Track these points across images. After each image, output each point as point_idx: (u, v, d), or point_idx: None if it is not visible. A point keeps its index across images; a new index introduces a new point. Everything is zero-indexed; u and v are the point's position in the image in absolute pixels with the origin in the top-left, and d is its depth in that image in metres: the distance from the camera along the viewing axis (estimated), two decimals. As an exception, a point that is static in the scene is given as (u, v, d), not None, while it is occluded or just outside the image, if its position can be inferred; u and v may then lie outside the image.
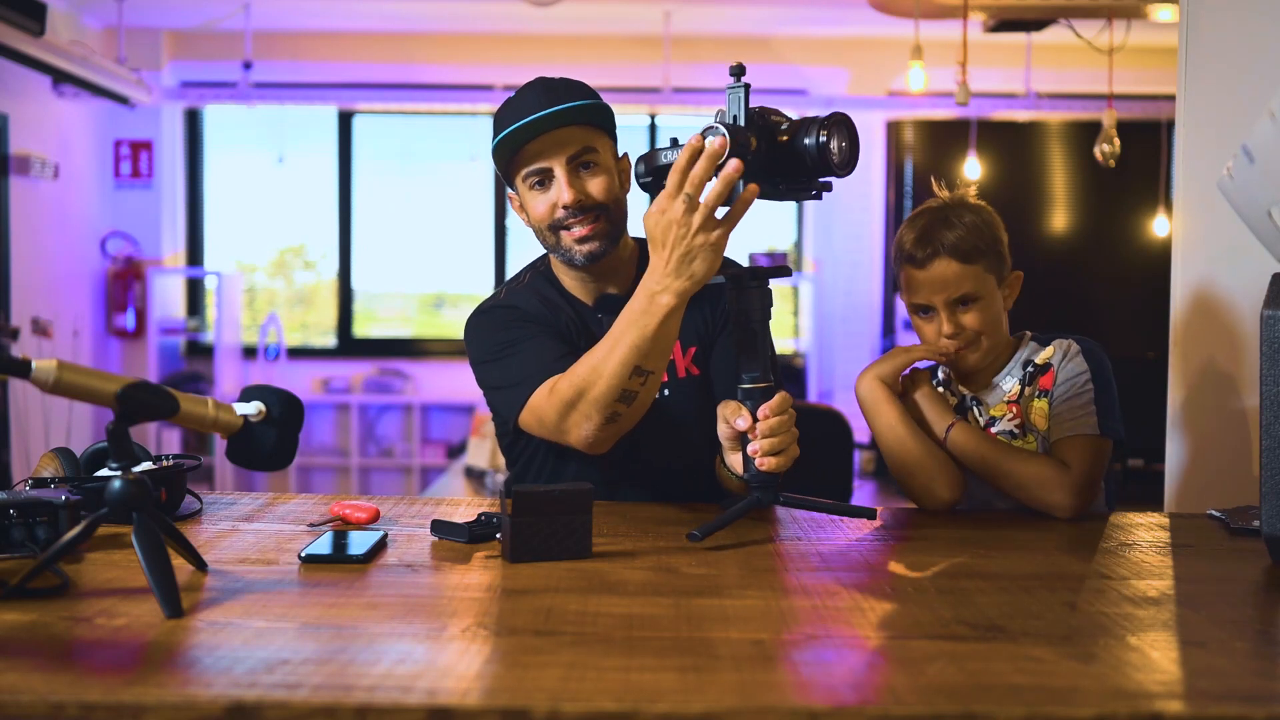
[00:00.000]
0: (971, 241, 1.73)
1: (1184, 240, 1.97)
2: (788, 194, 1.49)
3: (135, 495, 1.15)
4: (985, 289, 1.75)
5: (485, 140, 6.90)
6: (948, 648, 1.03)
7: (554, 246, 1.76)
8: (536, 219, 1.75)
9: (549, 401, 1.62)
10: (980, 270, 1.74)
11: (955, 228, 1.74)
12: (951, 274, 1.73)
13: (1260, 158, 1.53)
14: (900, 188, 6.97)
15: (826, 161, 1.41)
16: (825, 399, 6.52)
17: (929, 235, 1.74)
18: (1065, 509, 1.66)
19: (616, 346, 1.50)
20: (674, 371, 1.81)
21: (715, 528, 1.45)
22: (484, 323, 1.81)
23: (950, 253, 1.73)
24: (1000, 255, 1.77)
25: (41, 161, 5.60)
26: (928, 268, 1.74)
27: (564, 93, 1.72)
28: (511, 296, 1.84)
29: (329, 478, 6.75)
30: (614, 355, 1.51)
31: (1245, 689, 0.95)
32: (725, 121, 1.40)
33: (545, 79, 1.76)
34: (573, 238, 1.72)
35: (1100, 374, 1.75)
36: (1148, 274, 4.18)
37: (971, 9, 4.87)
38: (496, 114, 1.77)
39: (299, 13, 6.16)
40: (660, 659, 0.99)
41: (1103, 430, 1.71)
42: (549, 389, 1.63)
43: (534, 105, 1.70)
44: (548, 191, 1.72)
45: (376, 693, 0.89)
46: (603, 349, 1.53)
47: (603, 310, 1.81)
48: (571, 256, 1.74)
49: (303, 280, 7.26)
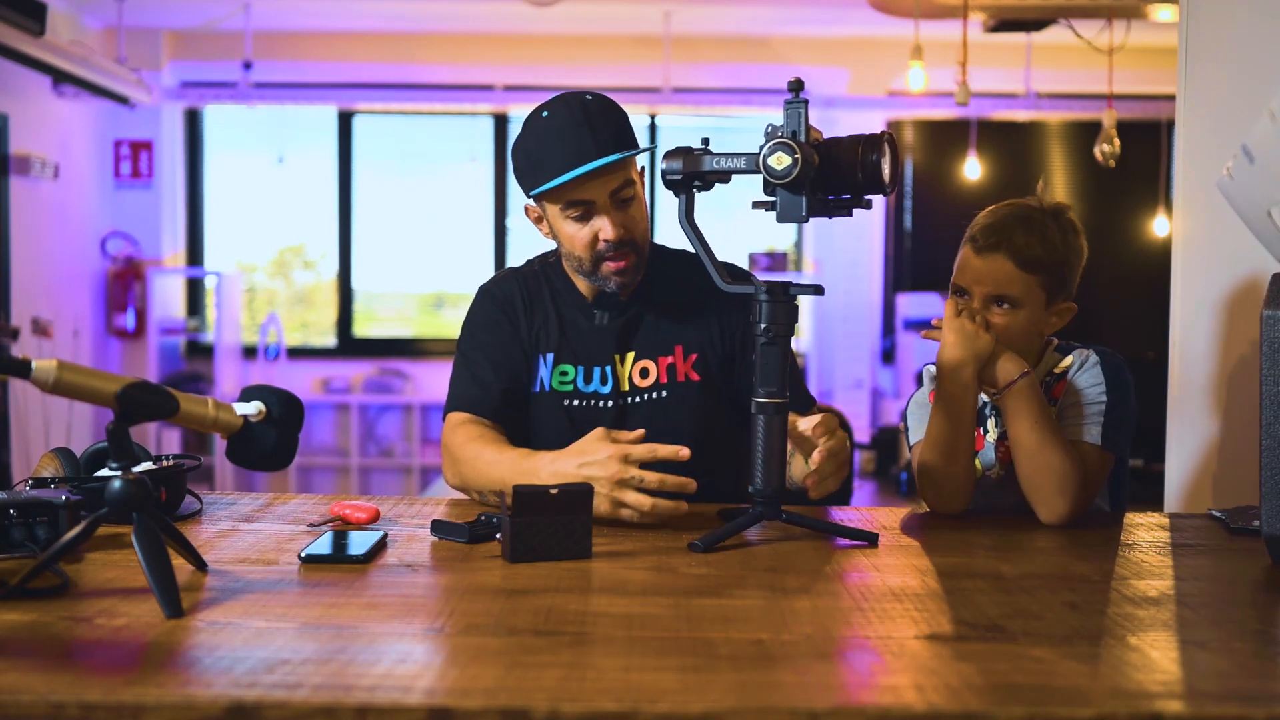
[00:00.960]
0: (1038, 251, 1.69)
1: (1184, 240, 1.97)
2: (836, 209, 1.49)
3: (135, 495, 1.15)
4: (1029, 301, 1.70)
5: (486, 140, 6.92)
6: (948, 648, 1.03)
7: (588, 272, 1.79)
8: (573, 246, 1.77)
9: (445, 435, 1.80)
10: (1033, 282, 1.69)
11: (1031, 232, 1.69)
12: (1003, 273, 1.69)
13: (1260, 158, 1.53)
14: (900, 188, 6.96)
15: (877, 180, 1.42)
16: (825, 399, 6.52)
17: (1001, 227, 1.70)
18: (1059, 514, 1.61)
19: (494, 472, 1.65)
20: (674, 375, 1.83)
21: (717, 539, 1.45)
22: (475, 302, 1.93)
23: (1011, 253, 1.68)
24: (1061, 279, 1.72)
25: (41, 161, 5.60)
26: (984, 256, 1.70)
27: (605, 126, 1.71)
28: (506, 283, 1.90)
29: (329, 478, 6.75)
30: (490, 473, 1.66)
31: (1245, 689, 0.95)
32: (785, 137, 1.41)
33: (584, 101, 1.74)
34: (612, 269, 1.77)
35: (1117, 388, 1.70)
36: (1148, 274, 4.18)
37: (971, 9, 4.86)
38: (532, 132, 1.74)
39: (299, 13, 6.16)
40: (660, 659, 0.99)
41: (1105, 443, 1.68)
42: (456, 423, 1.79)
43: (579, 140, 1.69)
44: (589, 223, 1.74)
45: (376, 693, 0.89)
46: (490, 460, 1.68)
47: (599, 307, 1.85)
48: (605, 284, 1.79)
49: (303, 280, 7.26)
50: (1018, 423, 1.64)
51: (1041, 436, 1.61)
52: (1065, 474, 1.60)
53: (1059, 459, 1.60)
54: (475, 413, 1.79)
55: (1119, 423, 1.69)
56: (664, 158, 1.53)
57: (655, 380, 1.82)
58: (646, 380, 1.82)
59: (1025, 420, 1.63)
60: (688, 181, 1.52)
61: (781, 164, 1.40)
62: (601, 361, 1.82)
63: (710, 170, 1.50)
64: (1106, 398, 1.69)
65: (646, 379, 1.82)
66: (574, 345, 1.83)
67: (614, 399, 1.81)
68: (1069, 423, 1.70)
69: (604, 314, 1.84)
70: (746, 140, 1.50)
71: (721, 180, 1.57)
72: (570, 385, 1.82)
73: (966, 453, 1.69)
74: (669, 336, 1.84)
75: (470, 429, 1.76)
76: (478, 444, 1.71)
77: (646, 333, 1.84)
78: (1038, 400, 1.64)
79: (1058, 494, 1.60)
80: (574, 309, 1.85)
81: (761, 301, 1.46)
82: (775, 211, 1.45)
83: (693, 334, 1.84)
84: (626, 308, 1.84)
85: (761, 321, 1.46)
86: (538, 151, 1.73)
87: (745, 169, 1.47)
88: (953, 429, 1.68)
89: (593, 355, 1.83)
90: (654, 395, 1.82)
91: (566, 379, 1.82)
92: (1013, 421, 1.64)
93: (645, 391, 1.82)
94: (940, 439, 1.69)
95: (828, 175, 1.44)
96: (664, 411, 1.80)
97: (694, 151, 1.51)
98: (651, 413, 1.81)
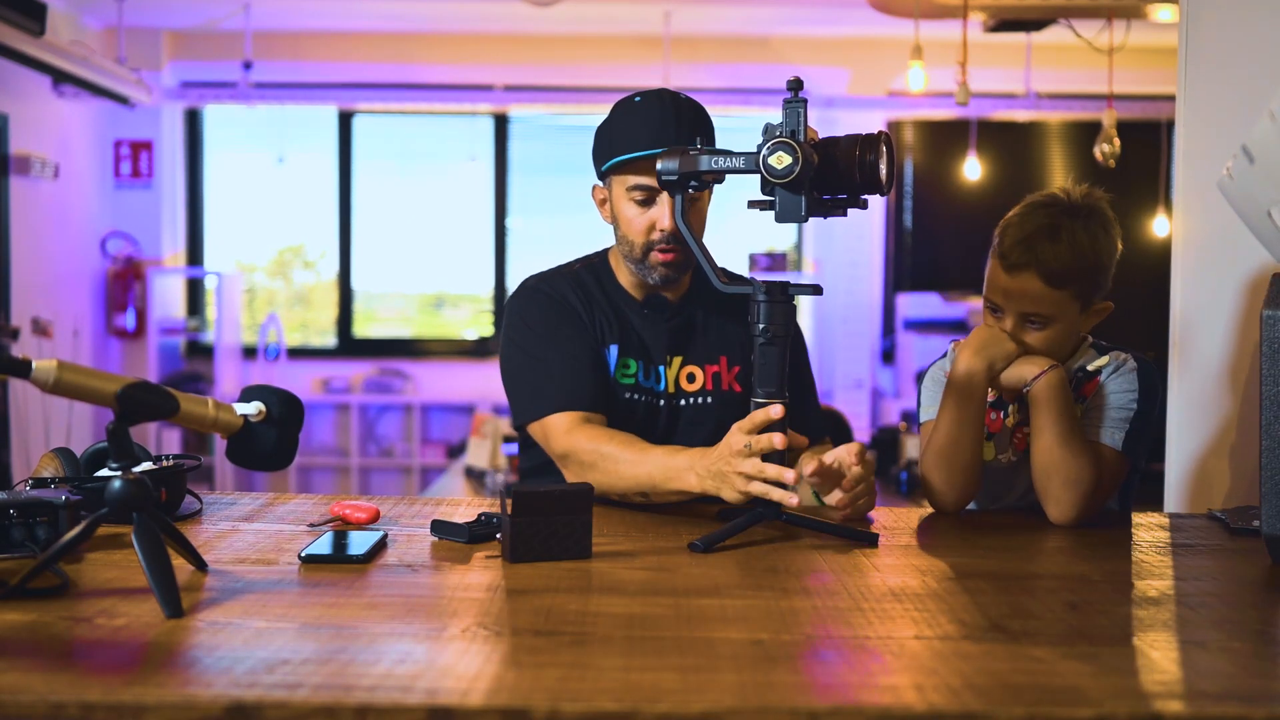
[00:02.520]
0: (1068, 263, 1.65)
1: (1184, 240, 1.97)
2: (833, 209, 1.49)
3: (135, 495, 1.15)
4: (1064, 314, 1.68)
5: (486, 140, 6.92)
6: (948, 648, 1.03)
7: (637, 259, 1.80)
8: (629, 230, 1.79)
9: (561, 440, 1.72)
10: (1066, 296, 1.67)
11: (1059, 242, 1.65)
12: (1033, 291, 1.66)
13: (1260, 158, 1.53)
14: (900, 188, 6.97)
15: (875, 180, 1.43)
16: (825, 399, 6.52)
17: (1029, 244, 1.65)
18: (1069, 514, 1.61)
19: (641, 470, 1.61)
20: (719, 384, 1.85)
21: (718, 539, 1.45)
22: (526, 302, 1.85)
23: (1041, 271, 1.65)
24: (1095, 282, 1.69)
25: (41, 161, 5.60)
26: (1014, 275, 1.67)
27: (691, 123, 1.74)
28: (557, 282, 1.87)
29: (329, 478, 6.75)
30: (634, 473, 1.62)
31: (1245, 689, 0.95)
32: (784, 136, 1.41)
33: (677, 98, 1.78)
34: (659, 259, 1.78)
35: (1148, 398, 1.69)
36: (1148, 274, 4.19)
37: (971, 9, 4.86)
38: (619, 113, 1.79)
39: (299, 13, 6.16)
40: (660, 659, 0.99)
41: (1125, 448, 1.67)
42: (569, 425, 1.72)
43: (663, 125, 1.72)
44: (649, 210, 1.76)
45: (376, 693, 0.89)
46: (632, 460, 1.63)
47: (649, 308, 1.86)
48: (649, 273, 1.80)
49: (302, 280, 7.26)
50: (1039, 417, 1.63)
51: (1059, 434, 1.61)
52: (1079, 474, 1.60)
53: (1075, 458, 1.60)
54: (584, 409, 1.74)
55: (1142, 432, 1.69)
56: (660, 158, 1.54)
57: (701, 386, 1.84)
58: (693, 385, 1.84)
59: (1049, 415, 1.62)
60: (684, 181, 1.52)
61: (782, 163, 1.40)
62: (656, 360, 1.83)
63: (707, 170, 1.50)
64: (1137, 406, 1.69)
65: (693, 384, 1.84)
66: (633, 340, 1.84)
67: (665, 399, 1.82)
68: (1093, 422, 1.69)
69: (654, 315, 1.85)
70: (745, 140, 1.50)
71: (717, 180, 1.57)
72: (633, 379, 1.82)
73: (970, 454, 1.69)
74: (715, 346, 1.85)
75: (591, 430, 1.71)
76: (610, 445, 1.66)
77: (694, 339, 1.85)
78: (1062, 397, 1.62)
79: (1069, 493, 1.60)
80: (626, 309, 1.86)
81: (760, 302, 1.47)
82: (774, 211, 1.45)
83: (737, 347, 1.86)
84: (674, 313, 1.85)
85: (760, 322, 1.47)
86: (619, 130, 1.76)
87: (744, 169, 1.46)
88: (958, 431, 1.68)
89: (649, 353, 1.84)
90: (701, 400, 1.83)
91: (629, 372, 1.82)
92: (1037, 415, 1.64)
93: (693, 396, 1.83)
94: (944, 442, 1.69)
95: (825, 175, 1.45)
96: (710, 417, 1.82)
97: (690, 151, 1.51)
98: (698, 417, 1.82)
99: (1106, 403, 1.70)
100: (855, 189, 1.45)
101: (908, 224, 7.01)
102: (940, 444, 1.69)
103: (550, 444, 1.74)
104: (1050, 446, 1.62)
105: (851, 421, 2.94)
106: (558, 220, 7.01)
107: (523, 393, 1.79)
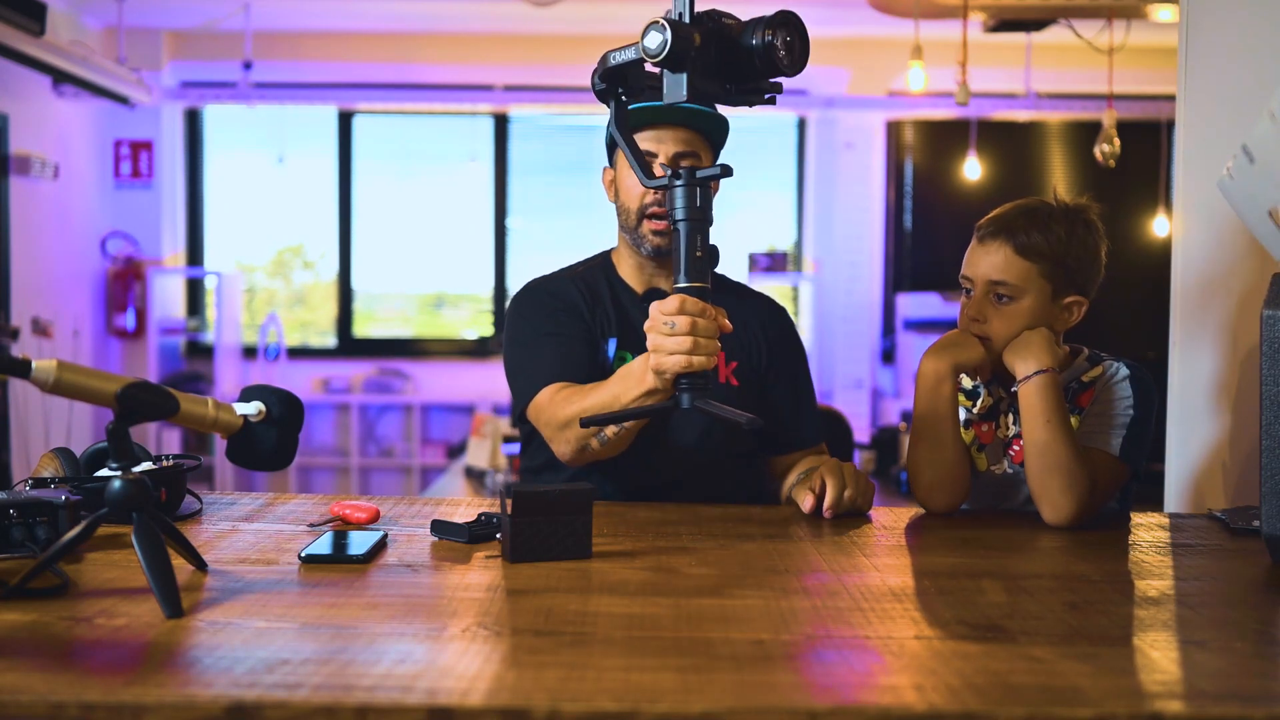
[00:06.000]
0: (1040, 243, 1.68)
1: (1184, 240, 1.97)
2: (737, 97, 1.46)
3: (135, 495, 1.15)
4: (1031, 291, 1.69)
5: (486, 140, 6.93)
6: (948, 648, 1.03)
7: (631, 229, 1.86)
8: (628, 197, 1.85)
9: (549, 406, 1.74)
10: (1033, 271, 1.68)
11: (1034, 223, 1.69)
12: (1000, 259, 1.69)
13: (1260, 158, 1.53)
14: (900, 188, 6.97)
15: (774, 61, 1.39)
16: (825, 399, 6.52)
17: (1005, 218, 1.72)
18: (1064, 515, 1.60)
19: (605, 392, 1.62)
20: (714, 378, 1.86)
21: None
22: (526, 300, 1.90)
23: (1011, 240, 1.69)
24: (1067, 272, 1.71)
25: (41, 161, 5.60)
26: (985, 244, 1.72)
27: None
28: (558, 282, 1.92)
29: (329, 478, 6.75)
30: (599, 397, 1.63)
31: (1245, 689, 0.95)
32: (671, 18, 1.39)
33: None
34: (650, 228, 1.83)
35: (1143, 404, 1.70)
36: (1148, 274, 4.20)
37: (971, 9, 4.87)
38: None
39: (299, 13, 6.16)
40: (660, 659, 0.99)
41: (1122, 454, 1.68)
42: (554, 391, 1.74)
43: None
44: None
45: (376, 693, 0.89)
46: (596, 388, 1.65)
47: (649, 301, 1.84)
48: (641, 243, 1.85)
49: (302, 280, 7.26)
50: (1031, 418, 1.64)
51: (1053, 434, 1.61)
52: (1074, 475, 1.59)
53: (1068, 459, 1.60)
54: (566, 380, 1.76)
55: (1139, 437, 1.69)
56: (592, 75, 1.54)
57: None
58: None
59: (1039, 417, 1.63)
60: (612, 87, 1.52)
61: (654, 42, 1.38)
62: None
63: (616, 65, 1.49)
64: (1133, 412, 1.70)
65: None
66: (632, 334, 1.86)
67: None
68: (1090, 430, 1.70)
69: None
70: (744, 139, 1.49)
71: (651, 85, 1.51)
72: None
73: (952, 452, 1.69)
74: None
75: (565, 390, 1.73)
76: (574, 393, 1.69)
77: None
78: (1054, 398, 1.63)
79: (1064, 494, 1.60)
80: (627, 303, 1.90)
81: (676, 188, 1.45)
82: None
83: (734, 342, 1.89)
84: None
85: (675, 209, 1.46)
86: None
87: (636, 56, 1.44)
88: (931, 428, 1.70)
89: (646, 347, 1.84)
90: None
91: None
92: (1026, 416, 1.64)
93: None
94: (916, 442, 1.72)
95: (729, 62, 1.41)
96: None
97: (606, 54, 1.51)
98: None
99: (1102, 411, 1.71)
100: (760, 73, 1.42)
101: (908, 224, 7.01)
102: (914, 444, 1.73)
103: (540, 418, 1.76)
104: (1043, 447, 1.62)
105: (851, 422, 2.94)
106: (558, 220, 7.02)
107: (519, 383, 1.84)
